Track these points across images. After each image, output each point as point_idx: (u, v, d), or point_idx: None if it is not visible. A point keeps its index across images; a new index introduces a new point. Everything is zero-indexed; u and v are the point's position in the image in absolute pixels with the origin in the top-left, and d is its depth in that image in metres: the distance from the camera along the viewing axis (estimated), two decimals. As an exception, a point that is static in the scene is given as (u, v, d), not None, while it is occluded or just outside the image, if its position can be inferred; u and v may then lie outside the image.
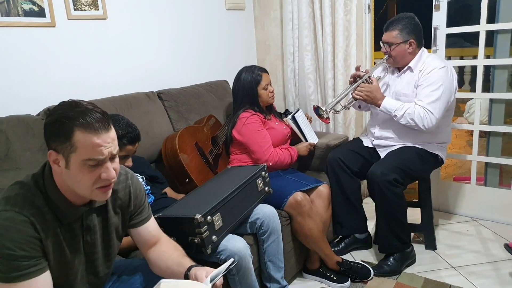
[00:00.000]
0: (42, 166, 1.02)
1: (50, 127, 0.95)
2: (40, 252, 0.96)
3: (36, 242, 0.95)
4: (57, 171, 0.97)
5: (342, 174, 2.13)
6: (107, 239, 1.13)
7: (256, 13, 3.02)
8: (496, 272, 1.97)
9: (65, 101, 0.98)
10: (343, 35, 2.60)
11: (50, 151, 0.95)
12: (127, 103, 1.99)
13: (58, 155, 0.95)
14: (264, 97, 2.14)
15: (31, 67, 1.83)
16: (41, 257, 0.96)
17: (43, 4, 1.83)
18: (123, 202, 1.15)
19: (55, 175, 0.99)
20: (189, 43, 2.57)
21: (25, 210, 0.94)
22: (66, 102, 0.97)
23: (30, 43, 1.82)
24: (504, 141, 2.49)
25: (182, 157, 1.92)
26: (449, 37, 2.43)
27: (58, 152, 0.94)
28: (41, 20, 1.83)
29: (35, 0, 1.80)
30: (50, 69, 1.90)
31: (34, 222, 0.94)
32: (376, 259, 2.15)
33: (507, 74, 2.43)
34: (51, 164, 0.97)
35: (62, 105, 0.97)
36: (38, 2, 1.81)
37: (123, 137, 1.52)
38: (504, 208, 2.42)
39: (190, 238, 1.36)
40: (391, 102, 2.02)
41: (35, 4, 1.80)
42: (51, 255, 0.98)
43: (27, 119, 1.65)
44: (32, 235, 0.94)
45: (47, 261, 0.98)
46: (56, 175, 0.99)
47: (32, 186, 0.98)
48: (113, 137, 0.97)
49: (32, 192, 0.97)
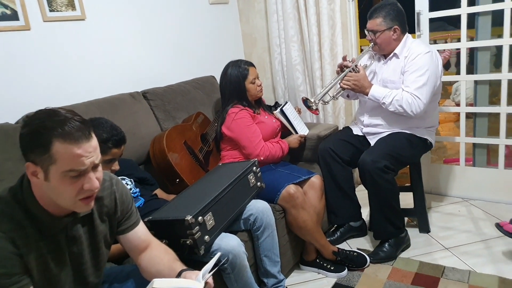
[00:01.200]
0: (20, 178, 0.99)
1: (27, 138, 0.91)
2: (21, 269, 0.92)
3: (17, 259, 0.91)
4: (36, 183, 0.94)
5: (333, 163, 2.13)
6: (95, 248, 1.11)
7: (240, 6, 2.99)
8: (488, 250, 2.00)
9: (42, 109, 0.94)
10: (328, 24, 2.58)
11: (28, 163, 0.92)
12: (112, 105, 1.96)
13: (36, 167, 0.91)
14: (252, 91, 2.12)
15: (7, 73, 1.77)
16: (23, 274, 0.93)
17: (16, 7, 1.77)
18: (110, 209, 1.12)
19: (34, 187, 0.95)
20: (172, 40, 2.53)
21: (3, 226, 0.91)
22: (43, 111, 0.93)
23: (5, 48, 1.76)
24: (490, 121, 2.51)
25: (171, 157, 1.90)
26: (433, 21, 2.43)
27: (36, 164, 0.91)
28: (14, 23, 1.77)
29: (7, 3, 1.74)
30: (27, 74, 1.84)
31: (14, 237, 0.91)
32: (371, 246, 2.17)
33: (490, 55, 2.44)
34: (29, 177, 0.94)
35: (39, 114, 0.93)
36: (10, 5, 1.75)
37: (107, 141, 1.48)
38: (493, 186, 2.46)
39: (182, 240, 1.35)
40: (378, 90, 2.02)
41: (7, 7, 1.74)
42: (34, 270, 0.95)
43: (5, 127, 1.59)
44: (12, 251, 0.90)
45: (31, 277, 0.95)
46: (36, 188, 0.95)
47: (10, 200, 0.95)
48: (94, 146, 0.94)
49: (10, 206, 0.94)
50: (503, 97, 2.30)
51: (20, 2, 1.78)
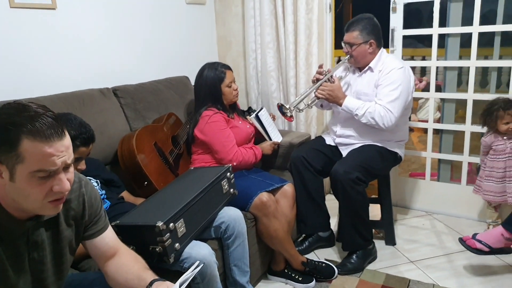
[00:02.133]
0: None
1: None
2: None
3: None
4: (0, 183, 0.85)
5: (305, 172, 2.12)
6: (59, 255, 1.01)
7: (217, 8, 2.94)
8: (451, 264, 2.07)
9: (11, 103, 0.86)
10: (305, 33, 2.59)
11: None
12: (80, 100, 1.84)
13: (1, 166, 0.83)
14: (228, 95, 2.08)
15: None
16: None
17: (-21, -11, 1.64)
18: (77, 213, 1.04)
19: None
20: (147, 37, 2.44)
21: None
22: (11, 105, 0.85)
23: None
24: (456, 138, 2.61)
25: (140, 158, 1.81)
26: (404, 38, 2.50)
27: (1, 162, 0.82)
28: (-22, 8, 1.64)
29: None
30: (-12, 62, 1.71)
31: None
32: (339, 256, 2.17)
33: (457, 74, 2.55)
34: None
35: (7, 108, 0.84)
36: (-28, -13, 1.62)
37: (75, 138, 1.41)
38: (455, 201, 2.55)
39: (152, 247, 1.28)
40: (352, 102, 2.05)
41: (-31, -10, 1.61)
42: None
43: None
44: None
45: None
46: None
47: None
48: (67, 145, 0.86)
49: None
50: (468, 116, 2.41)
51: (-15, -15, 1.64)
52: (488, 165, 2.15)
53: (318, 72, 2.12)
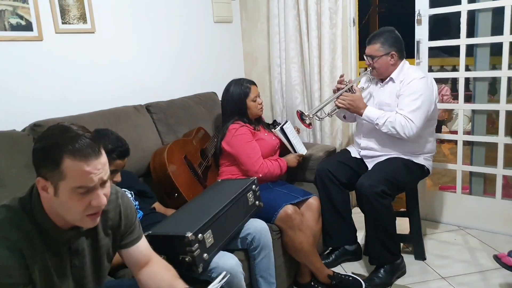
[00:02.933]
0: (29, 189, 0.99)
1: (39, 154, 0.92)
2: (26, 279, 0.92)
3: (23, 269, 0.91)
4: (46, 197, 0.94)
5: (331, 185, 2.13)
6: (97, 262, 1.09)
7: (243, 25, 3.04)
8: (485, 282, 1.99)
9: (55, 125, 0.96)
10: (329, 48, 2.63)
11: (39, 178, 0.92)
12: (116, 117, 1.96)
13: (46, 182, 0.91)
14: (253, 109, 2.14)
15: (18, 82, 1.80)
16: (28, 284, 0.92)
17: (31, 18, 1.80)
18: (114, 223, 1.11)
19: (44, 200, 0.95)
20: (177, 55, 2.56)
21: (12, 235, 0.91)
22: (56, 127, 0.95)
23: (17, 57, 1.79)
24: (488, 150, 2.54)
25: (171, 171, 1.89)
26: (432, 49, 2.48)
27: (46, 179, 0.91)
28: (28, 34, 1.81)
29: (22, 14, 1.78)
30: (37, 83, 1.87)
31: (21, 247, 0.91)
32: (366, 270, 2.15)
33: (488, 85, 2.50)
34: (39, 191, 0.94)
35: (52, 129, 0.94)
36: (25, 16, 1.79)
37: (112, 152, 1.50)
38: (489, 216, 2.46)
39: (181, 257, 1.33)
40: (373, 111, 2.06)
41: (22, 18, 1.78)
42: (37, 281, 0.95)
43: (12, 134, 1.60)
44: (19, 262, 0.90)
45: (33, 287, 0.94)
46: (45, 201, 0.95)
47: (19, 210, 0.95)
48: (103, 163, 0.94)
49: (19, 217, 0.94)
50: (501, 127, 2.34)
51: (35, 14, 1.82)
52: None
53: (339, 82, 2.16)
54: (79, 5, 1.98)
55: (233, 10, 2.96)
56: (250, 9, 2.97)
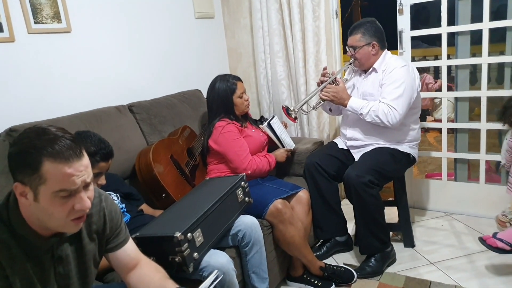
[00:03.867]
0: (6, 197, 0.95)
1: (15, 158, 0.87)
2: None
3: (2, 279, 0.88)
4: (25, 204, 0.90)
5: (319, 178, 2.14)
6: (83, 268, 1.06)
7: (226, 21, 3.01)
8: (472, 264, 2.04)
9: (31, 127, 0.91)
10: (313, 40, 2.63)
11: (16, 184, 0.88)
12: (97, 118, 1.92)
13: (25, 187, 0.88)
14: (239, 105, 2.12)
15: (-10, 85, 1.73)
16: None
17: (0, 18, 1.73)
18: (98, 227, 1.09)
19: (22, 207, 0.91)
20: (158, 53, 2.52)
21: None
22: (32, 129, 0.90)
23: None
24: (471, 136, 2.58)
25: (157, 171, 1.86)
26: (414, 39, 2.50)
27: (25, 184, 0.87)
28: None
29: (-9, 15, 1.71)
30: (11, 86, 1.79)
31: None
32: (357, 260, 2.17)
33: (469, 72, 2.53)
34: (17, 197, 0.90)
35: (28, 132, 0.89)
36: (-6, 17, 1.72)
37: (95, 154, 1.47)
38: (474, 201, 2.51)
39: (171, 257, 1.32)
40: (357, 101, 2.08)
41: (-9, 18, 1.71)
42: None
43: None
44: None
45: None
46: (23, 208, 0.91)
47: None
48: (86, 164, 0.91)
49: None
50: (483, 114, 2.38)
51: (5, 14, 1.74)
52: None
53: (322, 75, 2.17)
54: (52, 3, 1.91)
55: (214, 5, 2.93)
56: (232, 4, 2.94)
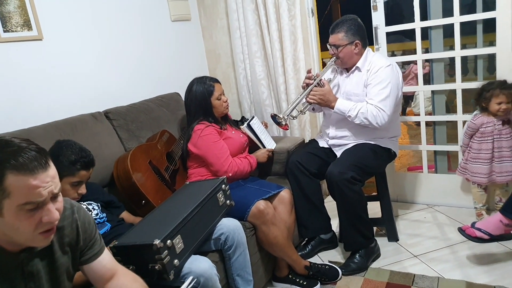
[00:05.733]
0: None
1: None
2: None
3: None
4: None
5: (301, 176, 2.14)
6: (56, 283, 1.03)
7: (202, 22, 2.98)
8: (454, 255, 2.07)
9: None
10: (290, 39, 2.63)
11: None
12: (72, 127, 1.88)
13: None
14: (218, 107, 2.10)
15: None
16: None
17: (-33, 28, 1.69)
18: (71, 239, 1.05)
19: None
20: (134, 57, 2.48)
21: None
22: None
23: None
24: (448, 127, 2.63)
25: (136, 178, 1.83)
26: (390, 34, 2.52)
27: None
28: (-34, 43, 1.69)
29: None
30: (-19, 97, 1.75)
31: None
32: (343, 257, 2.18)
33: (443, 65, 2.57)
34: None
35: None
36: (-39, 25, 1.66)
37: (76, 162, 1.47)
38: (455, 192, 2.55)
39: (151, 265, 1.29)
40: (344, 103, 2.06)
41: (-43, 28, 1.65)
42: None
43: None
44: None
45: None
46: None
47: None
48: (52, 175, 0.88)
49: None
50: (459, 106, 2.42)
51: (-28, 22, 1.70)
52: (475, 148, 2.19)
53: (307, 78, 2.14)
54: (21, 11, 1.87)
55: (190, 7, 2.90)
56: (208, 5, 2.92)
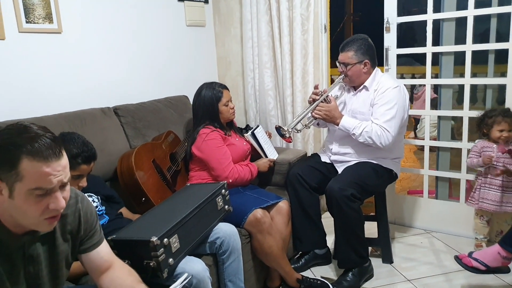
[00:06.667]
0: None
1: None
2: None
3: None
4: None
5: (301, 189, 2.15)
6: (55, 269, 1.05)
7: (216, 30, 3.03)
8: (449, 283, 2.05)
9: (13, 124, 0.91)
10: (301, 53, 2.66)
11: None
12: (81, 119, 1.91)
13: (1, 184, 0.88)
14: (225, 113, 2.13)
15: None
16: None
17: (-9, 16, 1.73)
18: (73, 228, 1.08)
19: None
20: (148, 58, 2.52)
21: None
22: (14, 126, 0.90)
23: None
24: (452, 154, 2.63)
25: (138, 175, 1.85)
26: (400, 57, 2.55)
27: (1, 180, 0.87)
28: (-12, 32, 1.73)
29: (-18, 12, 1.71)
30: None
31: None
32: (335, 274, 2.17)
33: (452, 92, 2.59)
34: None
35: (10, 129, 0.90)
36: (-16, 14, 1.71)
37: (77, 156, 1.46)
38: (454, 220, 2.54)
39: (146, 262, 1.30)
40: (349, 121, 2.08)
41: (-19, 16, 1.70)
42: None
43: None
44: None
45: None
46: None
47: None
48: (64, 165, 0.91)
49: None
50: (465, 133, 2.42)
51: (-4, 12, 1.75)
52: (484, 172, 2.18)
53: (314, 93, 2.16)
54: (44, 4, 1.92)
55: (206, 14, 2.95)
56: (223, 13, 2.97)
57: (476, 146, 2.21)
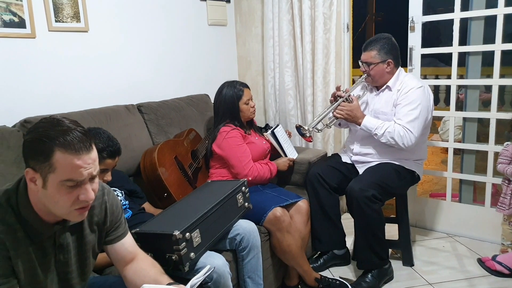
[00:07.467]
0: (16, 181, 0.99)
1: (29, 145, 0.92)
2: (8, 270, 0.92)
3: (5, 260, 0.91)
4: (33, 189, 0.94)
5: (321, 189, 2.14)
6: (82, 258, 1.09)
7: (238, 29, 3.05)
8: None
9: (47, 117, 0.96)
10: (323, 53, 2.65)
11: (28, 169, 0.92)
12: (106, 116, 1.96)
13: (35, 174, 0.92)
14: (245, 112, 2.14)
15: (9, 78, 1.80)
16: (10, 276, 0.93)
17: (24, 15, 1.81)
18: (99, 219, 1.12)
19: (31, 193, 0.96)
20: (171, 56, 2.56)
21: None
22: (47, 119, 0.95)
23: (9, 54, 1.79)
24: (477, 158, 2.56)
25: (161, 171, 1.89)
26: (424, 57, 2.50)
27: (36, 170, 0.91)
28: (21, 31, 1.81)
29: (16, 11, 1.78)
30: (28, 80, 1.87)
31: (4, 239, 0.91)
32: (354, 275, 2.15)
33: (478, 93, 2.52)
34: (27, 182, 0.94)
35: (44, 122, 0.94)
36: (18, 13, 1.79)
37: (103, 151, 1.51)
38: (478, 224, 2.47)
39: (168, 255, 1.33)
40: (371, 121, 2.06)
41: (15, 15, 1.78)
42: (21, 274, 0.95)
43: (2, 130, 1.60)
44: (1, 253, 0.91)
45: (17, 279, 0.94)
46: (32, 193, 0.95)
47: (3, 203, 0.95)
48: (94, 158, 0.95)
49: (3, 209, 0.94)
50: (491, 136, 2.35)
51: (29, 11, 1.82)
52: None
53: (335, 93, 2.15)
54: (73, 4, 1.99)
55: (227, 13, 2.98)
56: (245, 13, 2.99)
57: (507, 150, 2.10)
